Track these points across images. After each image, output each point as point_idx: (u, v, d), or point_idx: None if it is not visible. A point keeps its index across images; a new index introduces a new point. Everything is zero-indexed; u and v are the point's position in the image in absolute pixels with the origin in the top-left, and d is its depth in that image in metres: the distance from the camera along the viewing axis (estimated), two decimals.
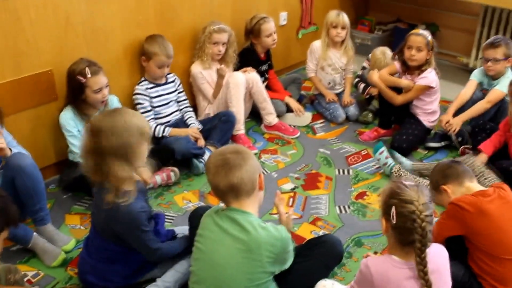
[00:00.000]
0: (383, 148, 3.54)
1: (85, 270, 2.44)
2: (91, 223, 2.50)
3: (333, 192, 3.33)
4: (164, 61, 3.39)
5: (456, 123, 3.75)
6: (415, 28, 4.88)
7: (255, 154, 3.67)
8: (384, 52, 4.26)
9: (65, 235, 2.75)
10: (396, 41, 5.50)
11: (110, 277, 2.39)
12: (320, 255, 2.34)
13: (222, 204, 2.11)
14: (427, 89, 3.78)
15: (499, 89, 3.72)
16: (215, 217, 2.06)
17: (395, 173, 3.42)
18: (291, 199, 3.24)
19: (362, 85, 4.48)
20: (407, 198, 1.86)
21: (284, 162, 3.64)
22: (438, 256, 1.96)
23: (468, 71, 5.18)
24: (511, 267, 2.33)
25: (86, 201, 3.09)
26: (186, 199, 3.19)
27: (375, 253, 2.79)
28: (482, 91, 3.92)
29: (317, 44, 4.30)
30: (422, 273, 1.85)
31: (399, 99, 3.84)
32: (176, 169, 3.29)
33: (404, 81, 3.81)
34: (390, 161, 3.50)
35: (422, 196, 1.87)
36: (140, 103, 3.44)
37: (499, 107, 3.80)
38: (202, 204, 3.12)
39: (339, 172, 3.56)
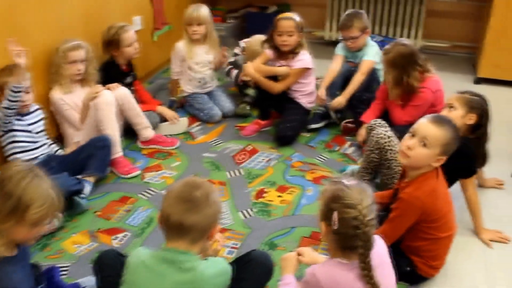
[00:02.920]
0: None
1: None
2: None
3: (231, 198, 3.15)
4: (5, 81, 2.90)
5: (339, 103, 3.78)
6: (265, 10, 4.97)
7: (138, 175, 3.37)
8: (259, 42, 4.13)
9: None
10: (249, 26, 5.48)
11: None
12: (251, 274, 2.14)
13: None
14: (305, 71, 3.77)
15: (369, 59, 3.85)
16: (148, 260, 1.83)
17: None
18: None
19: (234, 72, 4.35)
20: (350, 202, 1.74)
21: (171, 176, 3.38)
22: (378, 249, 1.87)
23: (325, 44, 5.34)
24: (444, 243, 2.37)
25: None
26: (76, 243, 2.80)
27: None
28: (348, 63, 4.04)
29: (180, 45, 4.10)
30: (368, 278, 1.75)
31: (278, 87, 3.77)
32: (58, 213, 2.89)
33: (281, 69, 3.75)
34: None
35: (365, 198, 1.76)
36: None
37: (371, 75, 3.88)
38: (96, 244, 2.78)
39: (230, 175, 3.39)
